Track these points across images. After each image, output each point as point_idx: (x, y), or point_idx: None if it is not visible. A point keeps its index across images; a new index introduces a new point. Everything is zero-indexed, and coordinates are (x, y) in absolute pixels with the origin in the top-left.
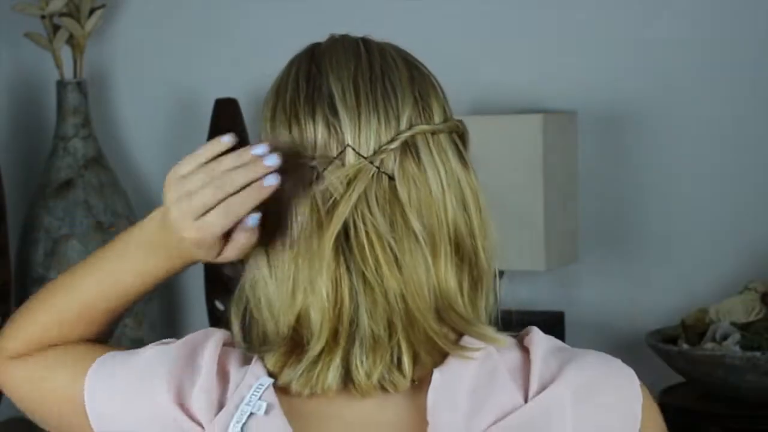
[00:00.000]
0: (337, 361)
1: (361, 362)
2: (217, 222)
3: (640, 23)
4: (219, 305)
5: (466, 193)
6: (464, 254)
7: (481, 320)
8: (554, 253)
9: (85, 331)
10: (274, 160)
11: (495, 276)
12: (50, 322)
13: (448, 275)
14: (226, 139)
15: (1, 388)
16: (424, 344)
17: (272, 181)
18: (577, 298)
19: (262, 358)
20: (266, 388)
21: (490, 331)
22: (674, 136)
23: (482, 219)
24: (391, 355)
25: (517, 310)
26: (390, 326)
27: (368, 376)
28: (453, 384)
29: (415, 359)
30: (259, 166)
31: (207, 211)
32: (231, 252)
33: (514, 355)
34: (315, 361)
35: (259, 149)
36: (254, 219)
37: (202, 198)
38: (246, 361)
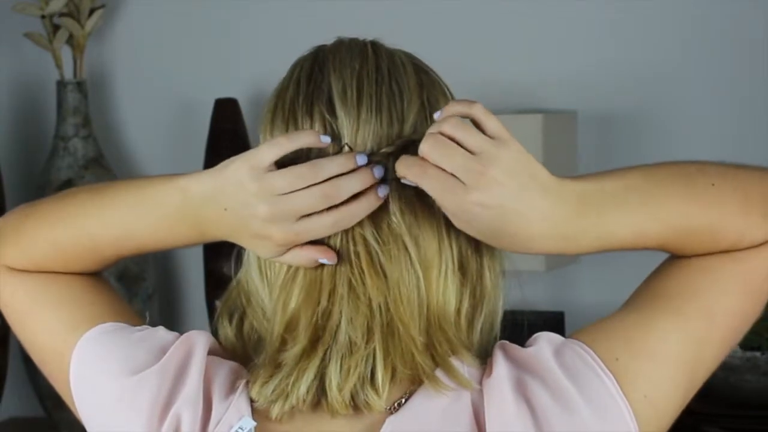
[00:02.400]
0: (312, 370)
1: (335, 372)
2: (323, 230)
3: (640, 23)
4: (219, 305)
5: None
6: (467, 271)
7: (472, 343)
8: None
9: (91, 266)
10: (380, 172)
11: (500, 299)
12: (53, 254)
13: (447, 291)
14: (326, 140)
15: None
16: (402, 358)
17: (384, 192)
18: (577, 298)
19: (248, 389)
20: None
21: (463, 369)
22: (674, 136)
23: None
24: (365, 367)
25: (517, 310)
26: (368, 333)
27: (339, 388)
28: (412, 420)
29: (393, 375)
30: (368, 175)
31: (306, 216)
32: (287, 259)
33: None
34: (291, 370)
35: (363, 158)
36: (329, 262)
37: (307, 201)
38: (232, 382)
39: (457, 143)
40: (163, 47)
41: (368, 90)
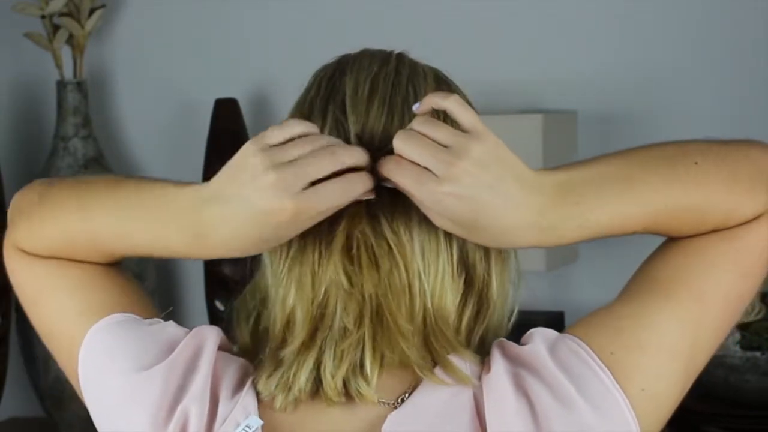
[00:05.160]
0: (311, 360)
1: (329, 359)
2: (331, 197)
3: (640, 23)
4: (219, 305)
5: None
6: (473, 278)
7: (470, 346)
8: (554, 253)
9: (98, 259)
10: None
11: (506, 312)
12: (62, 242)
13: (445, 294)
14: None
15: (8, 271)
16: (389, 345)
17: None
18: (577, 298)
19: (255, 383)
20: None
21: (463, 366)
22: (674, 137)
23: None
24: (356, 353)
25: (518, 309)
26: (359, 319)
27: (332, 375)
28: (413, 416)
29: (381, 363)
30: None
31: (314, 183)
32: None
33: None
34: (291, 363)
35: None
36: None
37: (315, 165)
38: (240, 380)
39: (430, 139)
40: (163, 47)
41: (383, 90)
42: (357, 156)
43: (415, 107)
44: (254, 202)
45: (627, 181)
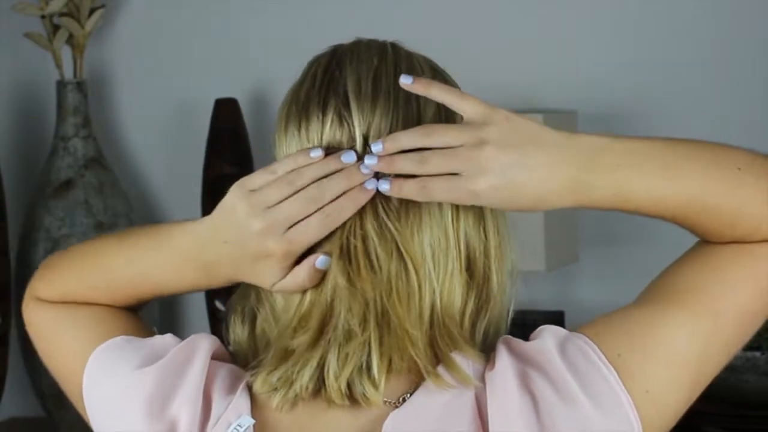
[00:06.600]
0: (315, 359)
1: (333, 360)
2: (313, 232)
3: (641, 22)
4: (219, 305)
5: (485, 211)
6: (475, 273)
7: (475, 343)
8: (554, 253)
9: (114, 303)
10: (373, 160)
11: (507, 304)
12: (80, 288)
13: (453, 291)
14: (316, 153)
15: (25, 322)
16: (398, 350)
17: (373, 185)
18: (577, 298)
19: (251, 383)
20: (244, 431)
21: (466, 365)
22: (674, 137)
23: (500, 241)
24: (362, 356)
25: (517, 309)
26: (364, 321)
27: (336, 376)
28: (415, 416)
29: (389, 367)
30: (354, 173)
31: (296, 223)
32: (290, 282)
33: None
34: (298, 358)
35: (349, 157)
36: (323, 261)
37: (294, 207)
38: (233, 383)
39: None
40: (163, 47)
41: (386, 86)
42: (341, 185)
43: (408, 81)
44: (244, 247)
45: (669, 165)
